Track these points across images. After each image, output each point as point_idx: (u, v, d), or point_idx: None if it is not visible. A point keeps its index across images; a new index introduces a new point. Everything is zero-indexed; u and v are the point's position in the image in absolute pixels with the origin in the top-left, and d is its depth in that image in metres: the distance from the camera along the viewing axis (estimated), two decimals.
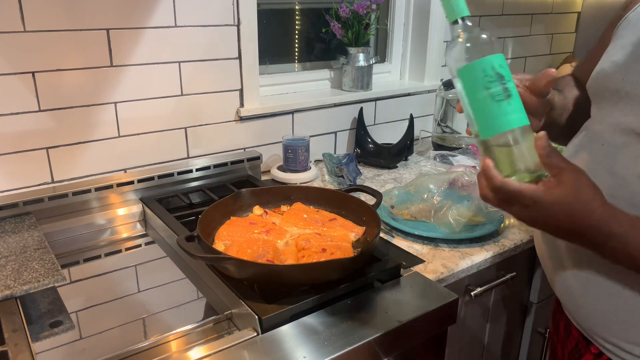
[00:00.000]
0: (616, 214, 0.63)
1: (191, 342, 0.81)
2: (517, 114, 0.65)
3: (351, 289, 0.87)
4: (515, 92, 0.65)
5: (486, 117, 0.66)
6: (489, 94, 0.65)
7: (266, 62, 1.61)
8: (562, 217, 0.63)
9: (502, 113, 0.65)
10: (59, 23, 1.12)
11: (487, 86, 0.65)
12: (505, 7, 2.04)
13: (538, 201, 0.62)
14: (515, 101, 0.65)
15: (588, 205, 0.62)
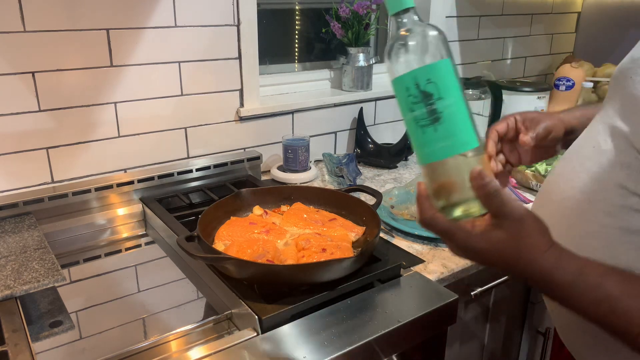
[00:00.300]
0: (561, 262, 0.54)
1: (191, 342, 0.81)
2: (446, 142, 0.54)
3: (351, 289, 0.87)
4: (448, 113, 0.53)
5: (414, 142, 0.56)
6: (413, 118, 0.55)
7: (266, 62, 1.61)
8: (499, 264, 0.57)
9: (426, 142, 0.54)
10: (59, 23, 1.12)
11: (410, 108, 0.54)
12: (505, 7, 2.04)
13: (469, 245, 0.56)
14: (446, 126, 0.53)
15: (527, 255, 0.55)
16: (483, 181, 0.53)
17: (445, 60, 0.54)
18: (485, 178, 0.53)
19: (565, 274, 0.54)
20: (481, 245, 0.55)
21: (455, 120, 0.54)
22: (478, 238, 0.55)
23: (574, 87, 1.95)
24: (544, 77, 2.35)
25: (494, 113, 1.79)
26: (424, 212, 0.57)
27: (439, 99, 0.53)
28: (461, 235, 0.56)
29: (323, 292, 0.84)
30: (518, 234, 0.54)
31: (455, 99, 0.54)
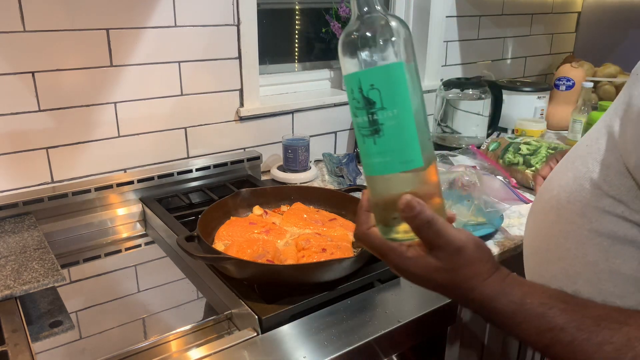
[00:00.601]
0: (504, 289, 0.52)
1: (191, 342, 0.81)
2: (384, 158, 0.48)
3: (351, 289, 0.87)
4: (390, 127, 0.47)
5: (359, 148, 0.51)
6: (355, 123, 0.49)
7: (266, 62, 1.61)
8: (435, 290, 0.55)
9: (365, 153, 0.50)
10: (58, 23, 1.12)
11: (354, 112, 0.49)
12: (505, 7, 2.04)
13: (403, 268, 0.53)
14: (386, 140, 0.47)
15: (466, 283, 0.52)
16: (412, 212, 0.49)
17: (397, 65, 0.47)
18: (415, 209, 0.49)
19: (507, 302, 0.52)
20: (414, 271, 0.53)
21: (397, 136, 0.47)
22: (412, 262, 0.53)
23: (574, 87, 1.95)
24: (544, 77, 2.35)
25: (494, 113, 1.79)
26: (360, 225, 0.55)
27: (382, 109, 0.47)
28: (394, 257, 0.54)
29: (323, 292, 0.84)
30: (454, 265, 0.52)
31: (401, 111, 0.47)
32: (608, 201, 0.57)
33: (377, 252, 0.55)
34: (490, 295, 0.52)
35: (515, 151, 1.45)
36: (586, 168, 0.61)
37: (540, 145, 1.45)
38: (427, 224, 0.50)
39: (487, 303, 0.52)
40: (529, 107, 1.91)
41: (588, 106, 1.75)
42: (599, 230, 0.57)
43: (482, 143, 1.66)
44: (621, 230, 0.55)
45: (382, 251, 0.54)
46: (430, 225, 0.50)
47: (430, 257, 0.52)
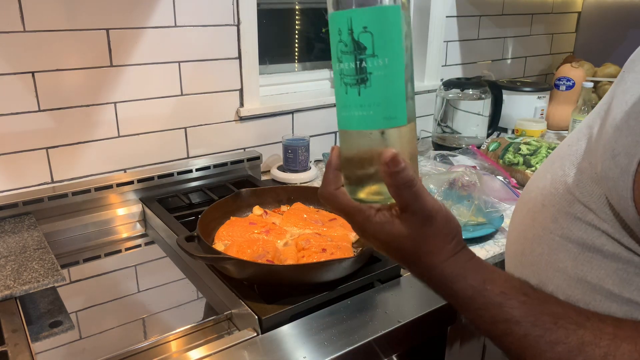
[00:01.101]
0: (464, 272, 0.50)
1: (191, 342, 0.81)
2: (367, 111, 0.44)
3: (351, 289, 0.87)
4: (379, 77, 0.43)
5: (336, 98, 0.47)
6: (338, 69, 0.45)
7: (266, 62, 1.61)
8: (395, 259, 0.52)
9: (346, 104, 0.45)
10: (58, 23, 1.12)
11: (338, 57, 0.44)
12: (505, 7, 2.04)
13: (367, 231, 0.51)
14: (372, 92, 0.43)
15: (428, 258, 0.50)
16: (396, 167, 0.44)
17: (395, 8, 0.42)
18: (399, 165, 0.44)
19: (466, 286, 0.50)
20: (379, 236, 0.50)
21: (385, 88, 0.43)
22: (379, 227, 0.50)
23: (574, 87, 1.95)
24: (544, 77, 2.35)
25: (494, 113, 1.79)
26: (326, 184, 0.51)
27: (372, 56, 0.42)
28: (360, 220, 0.51)
29: (323, 292, 0.84)
30: (421, 234, 0.49)
31: (393, 61, 0.43)
32: (579, 207, 0.55)
33: (344, 213, 0.52)
34: (450, 276, 0.50)
35: (515, 151, 1.45)
36: (562, 171, 0.59)
37: (540, 145, 1.45)
38: (407, 183, 0.46)
39: (446, 283, 0.50)
40: (529, 107, 1.91)
41: (588, 106, 1.75)
42: (570, 237, 0.56)
43: (482, 143, 1.66)
44: (590, 238, 0.54)
45: (348, 212, 0.51)
46: (410, 185, 0.46)
47: (399, 223, 0.49)
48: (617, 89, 0.54)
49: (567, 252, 0.56)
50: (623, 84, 0.53)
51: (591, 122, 0.59)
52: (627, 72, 0.55)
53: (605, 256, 0.53)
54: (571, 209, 0.56)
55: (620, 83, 0.54)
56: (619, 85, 0.54)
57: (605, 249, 0.53)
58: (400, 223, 0.49)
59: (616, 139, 0.48)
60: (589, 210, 0.54)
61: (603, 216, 0.53)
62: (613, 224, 0.52)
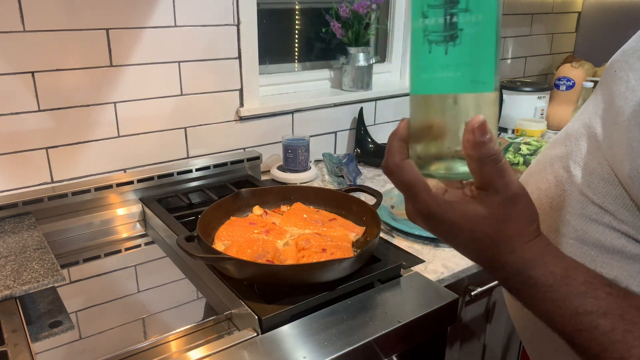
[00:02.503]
0: (545, 258, 0.45)
1: (191, 342, 0.81)
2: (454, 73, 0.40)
3: (351, 289, 0.87)
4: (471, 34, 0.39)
5: (413, 60, 0.43)
6: (422, 26, 0.41)
7: (266, 62, 1.61)
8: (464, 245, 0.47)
9: (428, 64, 0.41)
10: (58, 23, 1.12)
11: (424, 12, 0.40)
12: (505, 7, 2.04)
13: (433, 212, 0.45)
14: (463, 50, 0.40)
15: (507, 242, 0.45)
16: (482, 138, 0.40)
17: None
18: (486, 134, 0.40)
19: (546, 273, 0.45)
20: (450, 218, 0.45)
21: (478, 47, 0.40)
22: (449, 207, 0.44)
23: (575, 87, 1.95)
24: (544, 77, 2.35)
25: None
26: (392, 154, 0.46)
27: (466, 10, 0.39)
28: (427, 197, 0.45)
29: (323, 292, 0.84)
30: (504, 215, 0.43)
31: (487, 18, 0.39)
32: (594, 209, 0.54)
33: (407, 189, 0.46)
34: (530, 261, 0.45)
35: (516, 151, 1.45)
36: (568, 172, 0.57)
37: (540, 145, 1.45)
38: (493, 157, 0.40)
39: (524, 270, 0.45)
40: (529, 107, 1.91)
41: None
42: (585, 240, 0.54)
43: None
44: (608, 240, 0.53)
45: (413, 188, 0.45)
46: (496, 159, 0.41)
47: (476, 204, 0.43)
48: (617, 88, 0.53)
49: (583, 256, 0.55)
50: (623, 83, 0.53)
51: (588, 122, 0.58)
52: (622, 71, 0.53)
53: (627, 257, 0.52)
54: (585, 211, 0.55)
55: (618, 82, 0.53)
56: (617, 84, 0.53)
57: (627, 250, 0.52)
58: (478, 202, 0.43)
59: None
60: (606, 212, 0.53)
61: (622, 218, 0.52)
62: (634, 225, 0.51)
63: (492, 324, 1.23)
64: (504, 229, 0.44)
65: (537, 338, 0.65)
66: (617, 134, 0.51)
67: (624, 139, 0.50)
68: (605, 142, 0.54)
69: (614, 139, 0.52)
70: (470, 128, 0.40)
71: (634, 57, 0.53)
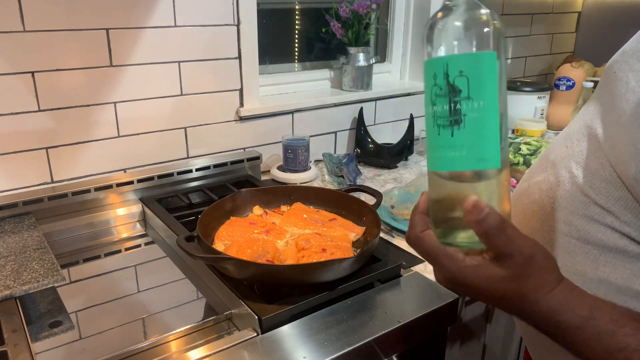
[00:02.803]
0: (570, 303, 0.47)
1: (191, 342, 0.81)
2: (460, 152, 0.45)
3: (351, 289, 0.87)
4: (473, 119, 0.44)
5: (427, 141, 0.48)
6: (432, 112, 0.46)
7: (266, 62, 1.61)
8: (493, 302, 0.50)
9: (438, 145, 0.46)
10: (58, 23, 1.12)
11: (432, 100, 0.46)
12: (505, 7, 2.04)
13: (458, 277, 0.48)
14: (466, 133, 0.44)
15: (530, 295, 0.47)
16: (479, 216, 0.44)
17: (490, 54, 0.44)
18: (482, 212, 0.44)
19: (574, 316, 0.47)
20: (474, 281, 0.48)
21: (479, 130, 0.44)
22: (470, 271, 0.47)
23: (575, 87, 1.95)
24: (544, 77, 2.35)
25: None
26: (413, 227, 0.50)
27: (467, 98, 0.44)
28: (449, 264, 0.48)
29: (323, 292, 0.84)
30: (525, 273, 0.46)
31: (488, 104, 0.44)
32: (596, 210, 0.54)
33: (430, 258, 0.50)
34: (556, 308, 0.47)
35: (516, 151, 1.45)
36: (569, 173, 0.58)
37: (540, 145, 1.45)
38: (496, 229, 0.44)
39: (552, 316, 0.47)
40: (529, 107, 1.91)
41: None
42: (587, 239, 0.55)
43: None
44: (611, 240, 0.53)
45: (436, 257, 0.49)
46: (501, 230, 0.44)
47: (495, 266, 0.46)
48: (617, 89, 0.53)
49: (585, 255, 0.55)
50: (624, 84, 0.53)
51: (590, 123, 0.58)
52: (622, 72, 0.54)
53: (630, 256, 0.52)
54: (587, 211, 0.55)
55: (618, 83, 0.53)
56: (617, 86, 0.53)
57: (630, 249, 0.52)
58: (497, 265, 0.46)
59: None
60: (608, 213, 0.53)
61: (625, 219, 0.52)
62: (636, 227, 0.52)
63: (492, 324, 1.23)
64: (525, 284, 0.47)
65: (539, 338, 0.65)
66: (620, 135, 0.51)
67: (628, 140, 0.50)
68: (607, 144, 0.54)
69: (616, 141, 0.52)
70: (466, 210, 0.44)
71: (634, 58, 0.53)
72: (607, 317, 0.47)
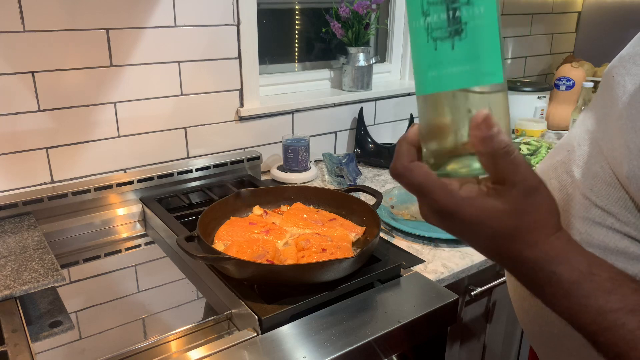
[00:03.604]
0: (569, 253, 0.43)
1: (191, 342, 0.81)
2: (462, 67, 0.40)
3: (351, 289, 0.87)
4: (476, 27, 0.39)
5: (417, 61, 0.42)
6: (424, 25, 0.40)
7: (266, 62, 1.61)
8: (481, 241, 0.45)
9: (435, 62, 0.40)
10: (58, 23, 1.12)
11: (424, 9, 0.40)
12: (505, 7, 2.04)
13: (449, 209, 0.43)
14: (469, 44, 0.39)
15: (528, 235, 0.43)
16: (489, 132, 0.39)
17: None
18: (493, 128, 0.39)
19: (571, 269, 0.43)
20: (467, 215, 0.43)
21: (483, 39, 0.40)
22: (465, 203, 0.43)
23: (575, 87, 1.96)
24: (544, 77, 2.35)
25: None
26: (399, 157, 0.45)
27: (467, 4, 0.39)
28: (441, 195, 0.43)
29: (323, 292, 0.84)
30: (524, 207, 0.42)
31: (489, 9, 0.39)
32: (597, 212, 0.54)
33: (420, 189, 0.44)
34: (553, 256, 0.43)
35: None
36: (571, 177, 0.58)
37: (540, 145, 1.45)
38: (504, 150, 0.40)
39: (548, 265, 0.43)
40: (529, 107, 1.91)
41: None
42: (590, 242, 0.55)
43: None
44: (612, 241, 0.53)
45: (426, 188, 0.43)
46: (508, 152, 0.40)
47: (493, 198, 0.42)
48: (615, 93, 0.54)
49: None
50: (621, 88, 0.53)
51: (590, 127, 0.59)
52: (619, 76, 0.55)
53: (631, 258, 0.52)
54: (588, 214, 0.55)
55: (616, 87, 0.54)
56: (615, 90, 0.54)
57: (631, 250, 0.52)
58: (495, 196, 0.42)
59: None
60: (609, 214, 0.54)
61: (625, 219, 0.52)
62: (636, 226, 0.52)
63: (492, 324, 1.23)
64: (524, 221, 0.42)
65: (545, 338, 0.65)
66: (617, 136, 0.52)
67: (622, 141, 0.50)
68: (607, 146, 0.54)
69: (613, 141, 0.53)
70: (475, 124, 0.40)
71: (630, 62, 0.54)
72: (606, 274, 0.43)
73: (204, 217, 0.98)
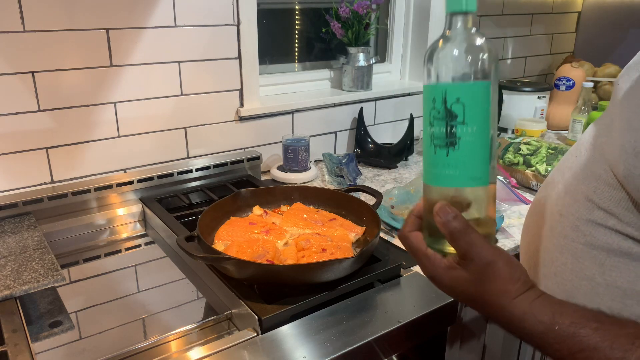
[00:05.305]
0: (533, 310, 0.51)
1: (191, 342, 0.81)
2: (453, 171, 0.50)
3: (351, 289, 0.87)
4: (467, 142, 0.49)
5: (424, 157, 0.54)
6: (429, 133, 0.51)
7: (266, 62, 1.61)
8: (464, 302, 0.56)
9: (434, 163, 0.51)
10: (58, 23, 1.12)
11: (431, 122, 0.51)
12: (505, 7, 2.04)
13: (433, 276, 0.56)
14: (460, 154, 0.50)
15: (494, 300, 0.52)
16: (445, 218, 0.51)
17: (485, 84, 0.49)
18: (449, 214, 0.51)
19: (536, 322, 0.51)
20: (445, 281, 0.55)
21: (471, 152, 0.50)
22: (442, 271, 0.54)
23: (574, 87, 1.95)
24: (544, 77, 2.35)
25: None
26: (405, 224, 0.58)
27: (462, 123, 0.49)
28: (426, 264, 0.56)
29: (323, 292, 0.84)
30: (481, 278, 0.52)
31: (480, 129, 0.49)
32: (600, 214, 0.56)
33: (413, 255, 0.57)
34: (518, 315, 0.51)
35: (515, 151, 1.45)
36: (577, 180, 0.60)
37: (540, 145, 1.45)
38: (459, 232, 0.51)
39: (516, 323, 0.52)
40: (529, 107, 1.91)
41: (588, 106, 1.75)
42: (594, 244, 0.57)
43: None
44: (615, 242, 0.55)
45: (417, 256, 0.56)
46: (463, 233, 0.51)
47: (460, 269, 0.53)
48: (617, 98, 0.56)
49: (592, 260, 0.57)
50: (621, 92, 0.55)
51: (597, 132, 0.61)
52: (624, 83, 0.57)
53: (633, 259, 0.54)
54: (592, 216, 0.57)
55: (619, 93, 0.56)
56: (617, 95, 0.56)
57: (633, 251, 0.54)
58: (462, 268, 0.53)
59: (636, 138, 0.50)
60: (611, 216, 0.55)
61: (626, 220, 0.54)
62: (637, 226, 0.53)
63: (492, 324, 1.23)
64: (486, 288, 0.52)
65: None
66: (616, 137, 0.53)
67: (619, 142, 0.52)
68: (608, 149, 0.56)
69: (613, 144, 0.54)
70: (435, 212, 0.51)
71: (634, 69, 0.56)
72: (567, 320, 0.50)
73: (204, 217, 0.98)
